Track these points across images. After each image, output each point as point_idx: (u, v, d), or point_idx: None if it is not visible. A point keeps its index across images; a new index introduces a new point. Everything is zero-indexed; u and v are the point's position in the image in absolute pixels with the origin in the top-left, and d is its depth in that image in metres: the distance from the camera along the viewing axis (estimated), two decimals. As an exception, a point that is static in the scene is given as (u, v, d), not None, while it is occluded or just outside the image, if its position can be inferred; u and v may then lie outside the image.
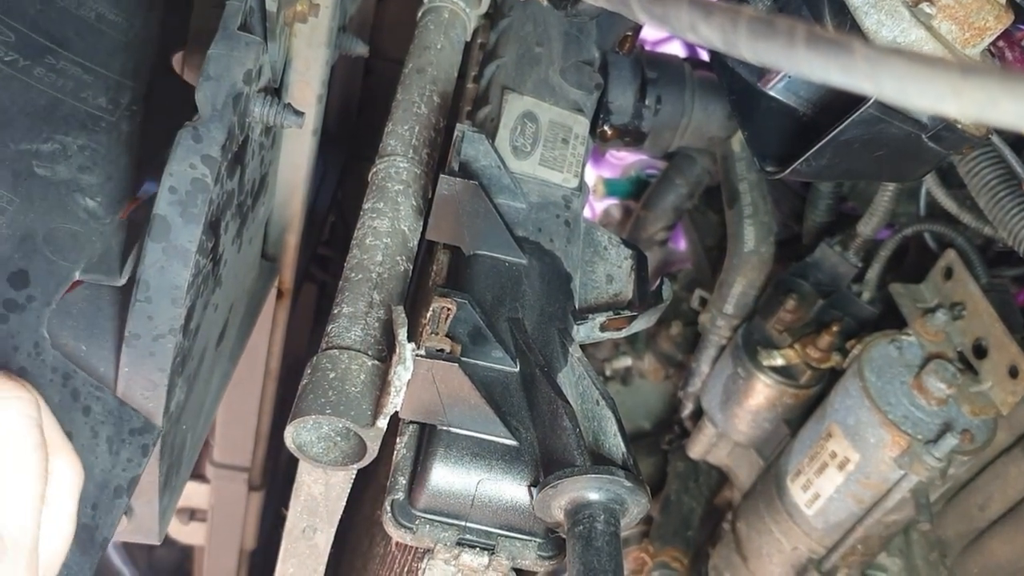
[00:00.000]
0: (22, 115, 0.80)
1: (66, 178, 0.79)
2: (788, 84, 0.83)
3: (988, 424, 1.10)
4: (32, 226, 0.76)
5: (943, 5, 0.71)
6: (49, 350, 0.73)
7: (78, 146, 0.81)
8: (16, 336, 0.72)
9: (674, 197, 1.53)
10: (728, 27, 0.38)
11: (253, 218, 0.93)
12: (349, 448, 0.68)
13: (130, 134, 0.84)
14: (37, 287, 0.74)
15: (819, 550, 1.22)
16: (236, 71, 0.73)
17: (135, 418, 0.76)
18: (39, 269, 0.75)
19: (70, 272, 0.76)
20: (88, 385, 0.74)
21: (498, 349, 0.70)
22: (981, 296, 1.11)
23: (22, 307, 0.73)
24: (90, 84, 0.85)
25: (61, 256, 0.76)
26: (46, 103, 0.82)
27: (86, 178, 0.80)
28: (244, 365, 1.20)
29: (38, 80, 0.82)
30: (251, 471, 1.62)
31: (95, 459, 0.74)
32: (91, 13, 0.88)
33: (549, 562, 0.67)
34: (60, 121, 0.82)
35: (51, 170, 0.79)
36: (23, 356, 0.72)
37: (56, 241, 0.76)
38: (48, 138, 0.80)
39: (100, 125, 0.83)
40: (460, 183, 0.76)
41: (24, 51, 0.83)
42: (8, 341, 0.72)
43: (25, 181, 0.77)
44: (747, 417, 1.31)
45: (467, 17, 1.02)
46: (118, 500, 0.76)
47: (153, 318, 0.71)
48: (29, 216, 0.76)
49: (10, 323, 0.72)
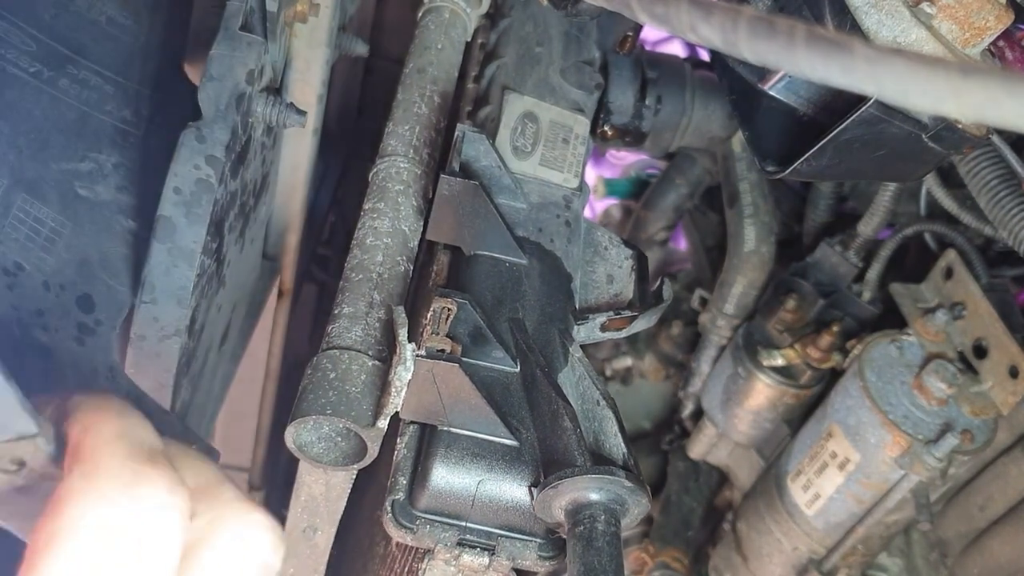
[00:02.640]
0: (56, 131, 0.79)
1: (107, 199, 0.79)
2: (788, 84, 0.83)
3: (988, 424, 1.10)
4: (87, 250, 0.76)
5: (943, 5, 0.71)
6: (123, 374, 0.73)
7: (112, 164, 0.80)
8: (93, 359, 0.72)
9: (674, 197, 1.53)
10: (728, 27, 0.38)
11: (255, 218, 0.93)
12: (349, 448, 0.68)
13: (157, 149, 0.84)
14: (102, 312, 0.74)
15: (819, 550, 1.22)
16: (239, 71, 0.73)
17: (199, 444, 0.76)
18: (101, 294, 0.75)
19: (127, 296, 0.76)
20: (159, 411, 0.74)
21: (499, 349, 0.70)
22: (981, 296, 1.11)
23: (92, 331, 0.73)
24: (112, 95, 0.84)
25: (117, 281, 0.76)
26: (75, 118, 0.81)
27: (124, 199, 0.80)
28: (244, 365, 1.20)
29: (64, 92, 0.81)
30: (251, 471, 1.62)
31: None
32: (101, 16, 0.87)
33: (549, 562, 0.67)
34: (91, 137, 0.81)
35: (92, 191, 0.78)
36: (102, 380, 0.72)
37: (111, 266, 0.76)
38: (84, 156, 0.79)
39: (129, 141, 0.83)
40: (460, 183, 0.76)
41: (47, 61, 0.82)
42: (87, 364, 0.72)
43: (71, 203, 0.77)
44: (747, 417, 1.31)
45: (467, 17, 1.02)
46: None
47: (159, 319, 0.71)
48: (83, 239, 0.76)
49: (87, 346, 0.72)
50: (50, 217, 0.74)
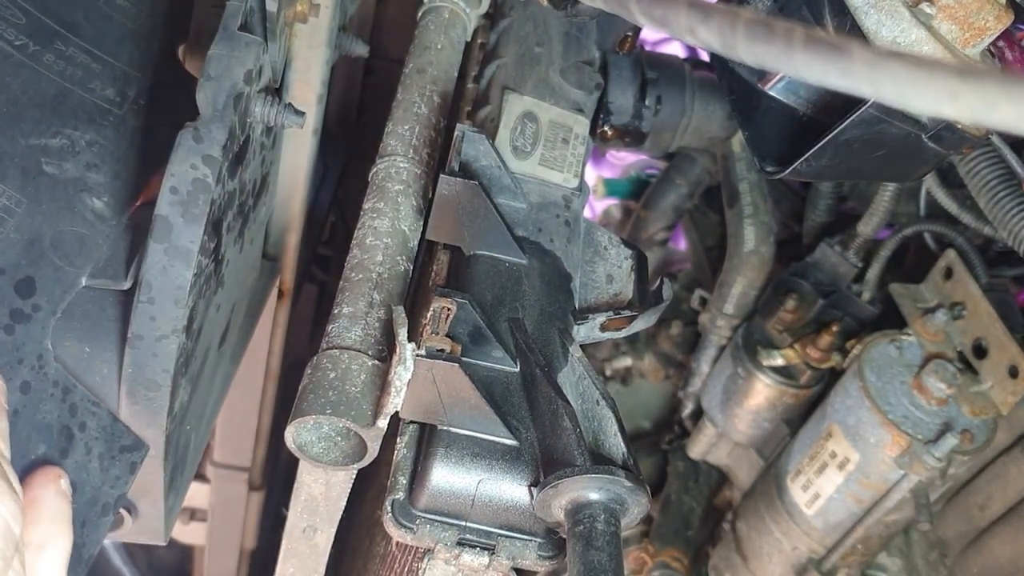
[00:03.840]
0: (32, 106, 0.78)
1: (74, 176, 0.78)
2: (788, 84, 0.83)
3: (988, 424, 1.10)
4: (39, 229, 0.74)
5: (943, 5, 0.71)
6: (52, 363, 0.72)
7: (86, 141, 0.79)
8: (21, 348, 0.71)
9: (674, 197, 1.53)
10: (726, 30, 0.38)
11: (254, 218, 0.93)
12: (349, 448, 0.68)
13: (137, 130, 0.83)
14: (43, 295, 0.73)
15: (819, 550, 1.22)
16: (237, 71, 0.73)
17: (126, 435, 0.76)
18: (46, 276, 0.73)
19: (76, 278, 0.75)
20: (86, 400, 0.74)
21: (498, 349, 0.70)
22: (981, 296, 1.11)
23: (28, 317, 0.72)
24: (98, 74, 0.83)
25: (68, 261, 0.74)
26: (55, 93, 0.80)
27: (93, 176, 0.79)
28: (245, 365, 1.20)
29: (47, 68, 0.80)
30: (251, 471, 1.62)
31: (87, 476, 0.74)
32: None
33: (549, 562, 0.67)
34: (69, 113, 0.80)
35: (59, 168, 0.77)
36: (26, 369, 0.71)
37: (63, 245, 0.74)
38: (57, 132, 0.78)
39: (108, 119, 0.82)
40: (460, 183, 0.76)
41: (35, 35, 0.80)
42: (13, 354, 0.71)
43: (34, 180, 0.76)
44: (747, 417, 1.32)
45: (467, 17, 1.02)
46: (104, 518, 0.75)
47: (156, 319, 0.70)
48: (37, 219, 0.75)
49: (16, 334, 0.71)
50: (4, 195, 0.73)
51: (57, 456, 0.72)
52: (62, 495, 0.69)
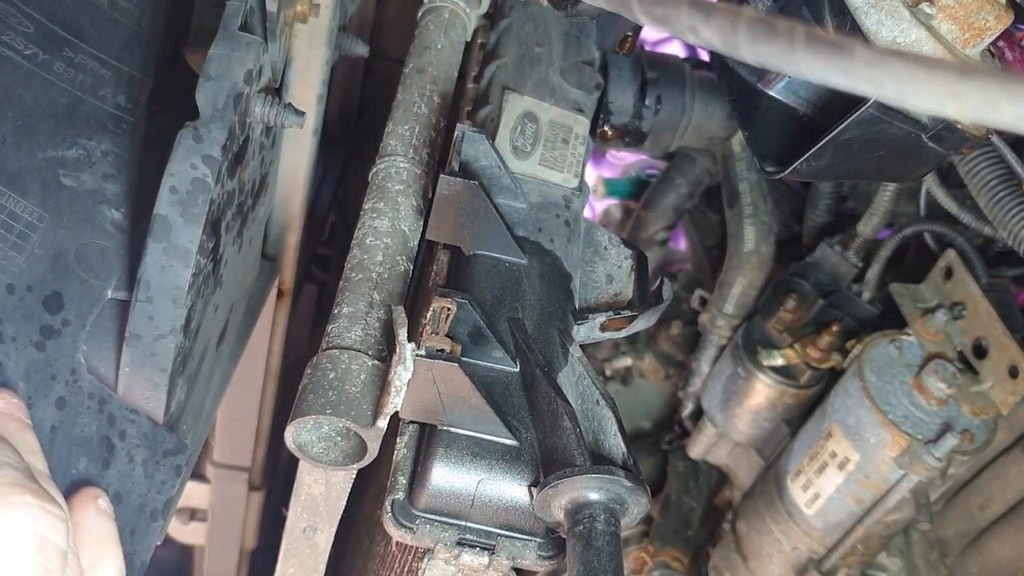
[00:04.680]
0: (45, 117, 0.78)
1: (92, 188, 0.77)
2: (788, 84, 0.83)
3: (988, 424, 1.10)
4: (63, 244, 0.74)
5: (943, 5, 0.71)
6: (85, 376, 0.72)
7: (101, 151, 0.79)
8: (54, 364, 0.71)
9: (674, 197, 1.53)
10: (728, 29, 0.38)
11: (253, 218, 0.93)
12: (349, 448, 0.68)
13: (150, 136, 0.83)
14: (71, 310, 0.73)
15: (819, 550, 1.22)
16: (237, 71, 0.73)
17: (168, 439, 0.76)
18: (72, 290, 0.73)
19: (102, 291, 0.74)
20: (123, 409, 0.73)
21: (498, 349, 0.70)
22: (981, 296, 1.11)
23: (58, 332, 0.72)
24: (108, 80, 0.83)
25: (93, 275, 0.74)
26: (68, 103, 0.79)
27: (111, 187, 0.78)
28: (244, 365, 1.20)
29: (58, 76, 0.80)
30: (251, 471, 1.62)
31: (132, 484, 0.74)
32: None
33: (549, 562, 0.67)
34: (82, 123, 0.79)
35: (77, 179, 0.76)
36: (61, 385, 0.71)
37: (87, 259, 0.74)
38: (72, 143, 0.78)
39: (122, 127, 0.82)
40: (460, 183, 0.76)
41: (43, 44, 0.80)
42: (46, 371, 0.70)
43: (53, 193, 0.75)
44: (747, 417, 1.32)
45: (467, 17, 1.02)
46: (154, 523, 0.75)
47: (154, 318, 0.70)
48: (59, 233, 0.74)
49: (47, 351, 0.71)
50: (27, 211, 0.73)
51: (100, 468, 0.72)
52: (103, 514, 0.68)
